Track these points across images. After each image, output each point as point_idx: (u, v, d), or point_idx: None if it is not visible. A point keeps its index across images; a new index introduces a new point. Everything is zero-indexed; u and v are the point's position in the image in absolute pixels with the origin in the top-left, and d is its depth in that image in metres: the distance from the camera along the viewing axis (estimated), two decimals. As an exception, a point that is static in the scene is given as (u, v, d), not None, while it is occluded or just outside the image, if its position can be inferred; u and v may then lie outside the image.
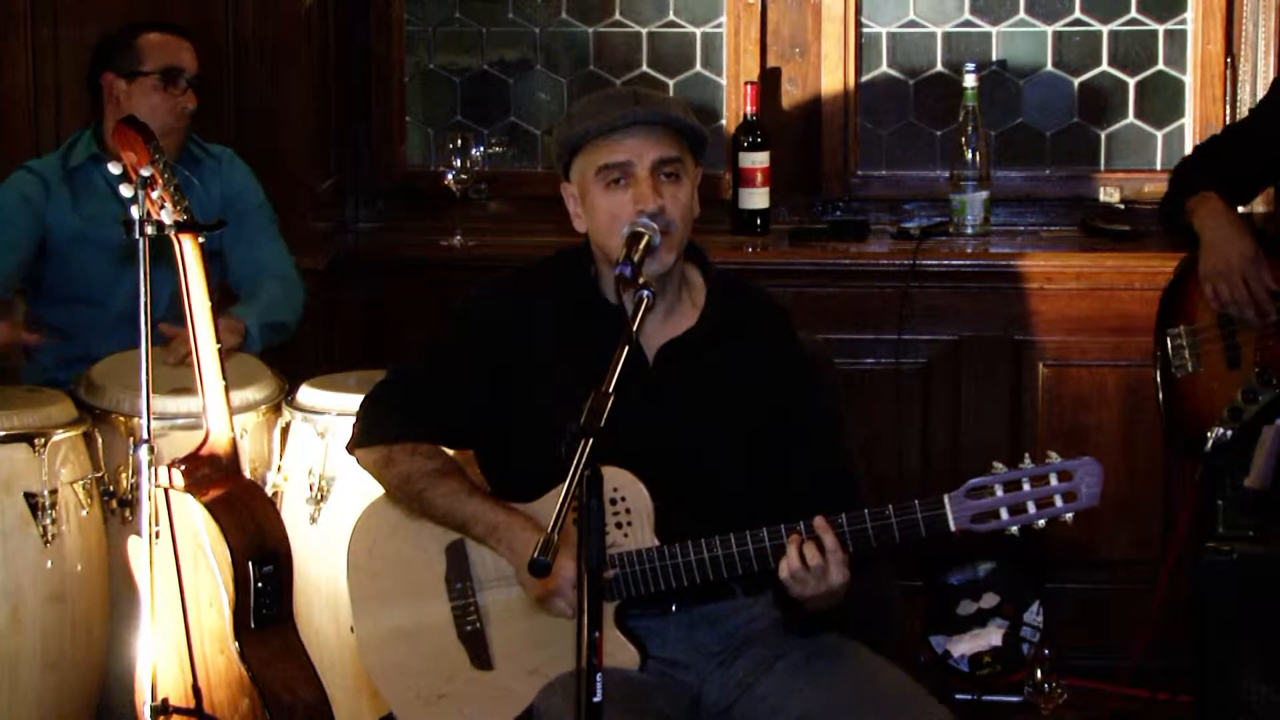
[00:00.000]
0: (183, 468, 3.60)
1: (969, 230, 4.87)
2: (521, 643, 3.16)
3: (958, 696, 4.54)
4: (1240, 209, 4.32)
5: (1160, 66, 5.07)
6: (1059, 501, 2.96)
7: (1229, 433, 3.95)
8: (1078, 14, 5.08)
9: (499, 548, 3.15)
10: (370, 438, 3.29)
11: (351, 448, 3.33)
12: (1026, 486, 2.96)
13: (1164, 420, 4.39)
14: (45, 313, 4.43)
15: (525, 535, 3.11)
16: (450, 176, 4.86)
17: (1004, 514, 2.97)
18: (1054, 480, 2.96)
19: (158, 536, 3.52)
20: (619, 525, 3.09)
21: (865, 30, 5.10)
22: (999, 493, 2.96)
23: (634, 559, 3.08)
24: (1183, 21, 5.03)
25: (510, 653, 3.17)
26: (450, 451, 3.37)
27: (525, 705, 3.14)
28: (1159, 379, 4.22)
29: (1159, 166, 5.08)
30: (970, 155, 4.85)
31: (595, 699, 2.64)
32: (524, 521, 3.13)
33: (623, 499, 3.09)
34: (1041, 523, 2.97)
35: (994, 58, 5.10)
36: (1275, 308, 4.00)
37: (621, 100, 3.15)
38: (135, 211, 3.46)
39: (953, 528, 2.98)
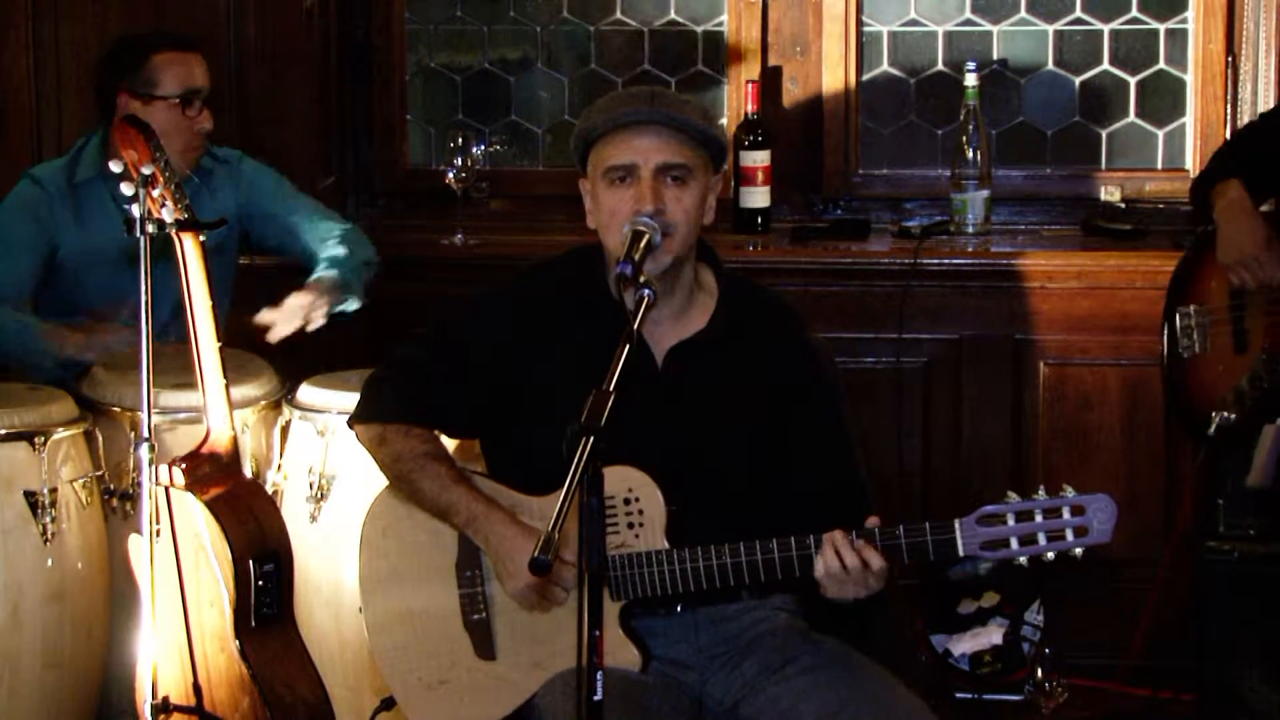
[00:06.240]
0: (183, 466, 3.61)
1: (970, 229, 4.86)
2: (526, 635, 3.17)
3: (958, 695, 4.54)
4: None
5: (1161, 66, 5.06)
6: (1070, 535, 2.96)
7: (1233, 417, 3.95)
8: (1079, 13, 5.08)
9: (476, 539, 3.17)
10: (367, 414, 3.32)
11: (351, 422, 3.36)
12: (1039, 518, 2.96)
13: (1167, 398, 4.39)
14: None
15: (501, 530, 3.13)
16: (451, 175, 4.86)
17: (1014, 543, 2.97)
18: (1067, 514, 2.96)
19: (158, 535, 3.52)
20: (631, 526, 3.09)
21: (866, 29, 5.10)
22: (1010, 522, 2.97)
23: (644, 560, 3.08)
24: (1184, 20, 5.03)
25: (514, 644, 3.18)
26: (450, 441, 3.38)
27: (526, 697, 3.15)
28: (1165, 357, 4.22)
29: (1160, 166, 5.08)
30: (971, 154, 4.85)
31: (596, 698, 2.64)
32: (503, 516, 3.14)
33: (636, 499, 3.09)
34: (1050, 555, 2.97)
35: (995, 57, 5.09)
36: None
37: (638, 99, 3.15)
38: (136, 210, 3.46)
39: (961, 553, 2.98)
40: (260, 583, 3.65)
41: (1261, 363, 3.98)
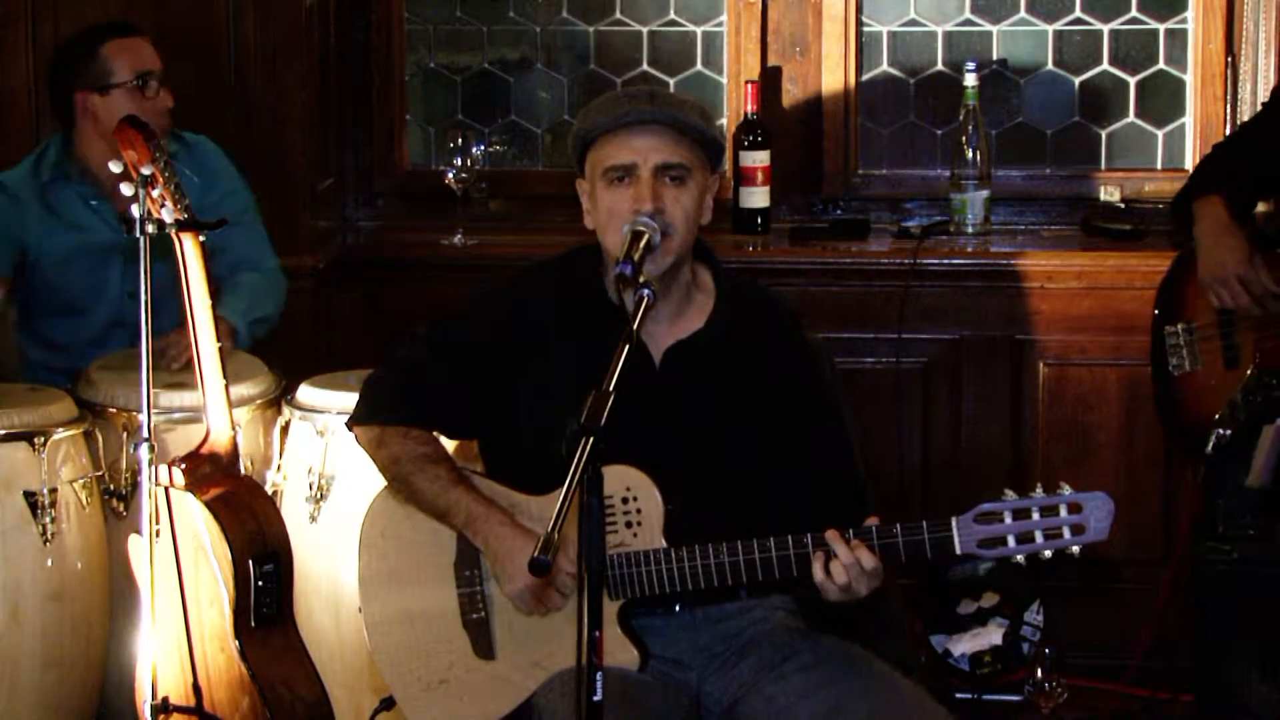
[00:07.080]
0: (183, 466, 3.61)
1: (969, 229, 4.87)
2: (525, 635, 3.17)
3: (958, 696, 4.54)
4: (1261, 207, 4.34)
5: (1161, 65, 5.06)
6: (1067, 534, 2.96)
7: (1229, 432, 3.95)
8: (1078, 13, 5.08)
9: (475, 539, 3.17)
10: (366, 416, 3.32)
11: (349, 424, 3.37)
12: (1036, 516, 2.96)
13: (1161, 419, 4.39)
14: (32, 326, 4.41)
15: (501, 530, 3.13)
16: (451, 175, 4.86)
17: (1011, 541, 2.97)
18: (1064, 511, 2.96)
19: (158, 535, 3.52)
20: (629, 525, 3.10)
21: (866, 29, 5.10)
22: (1008, 520, 2.96)
23: (642, 559, 3.08)
24: (1183, 20, 5.03)
25: (513, 644, 3.18)
26: (449, 442, 3.38)
27: (525, 697, 3.15)
28: (1155, 377, 4.22)
29: (1159, 166, 5.08)
30: (971, 154, 4.85)
31: (595, 698, 2.65)
32: (501, 517, 3.15)
33: (634, 499, 3.09)
34: (1047, 553, 2.97)
35: (994, 57, 5.09)
36: (1276, 306, 3.99)
37: (637, 99, 3.16)
38: (136, 210, 3.46)
39: (958, 551, 2.98)
40: (260, 583, 3.65)
41: (1254, 378, 3.98)
